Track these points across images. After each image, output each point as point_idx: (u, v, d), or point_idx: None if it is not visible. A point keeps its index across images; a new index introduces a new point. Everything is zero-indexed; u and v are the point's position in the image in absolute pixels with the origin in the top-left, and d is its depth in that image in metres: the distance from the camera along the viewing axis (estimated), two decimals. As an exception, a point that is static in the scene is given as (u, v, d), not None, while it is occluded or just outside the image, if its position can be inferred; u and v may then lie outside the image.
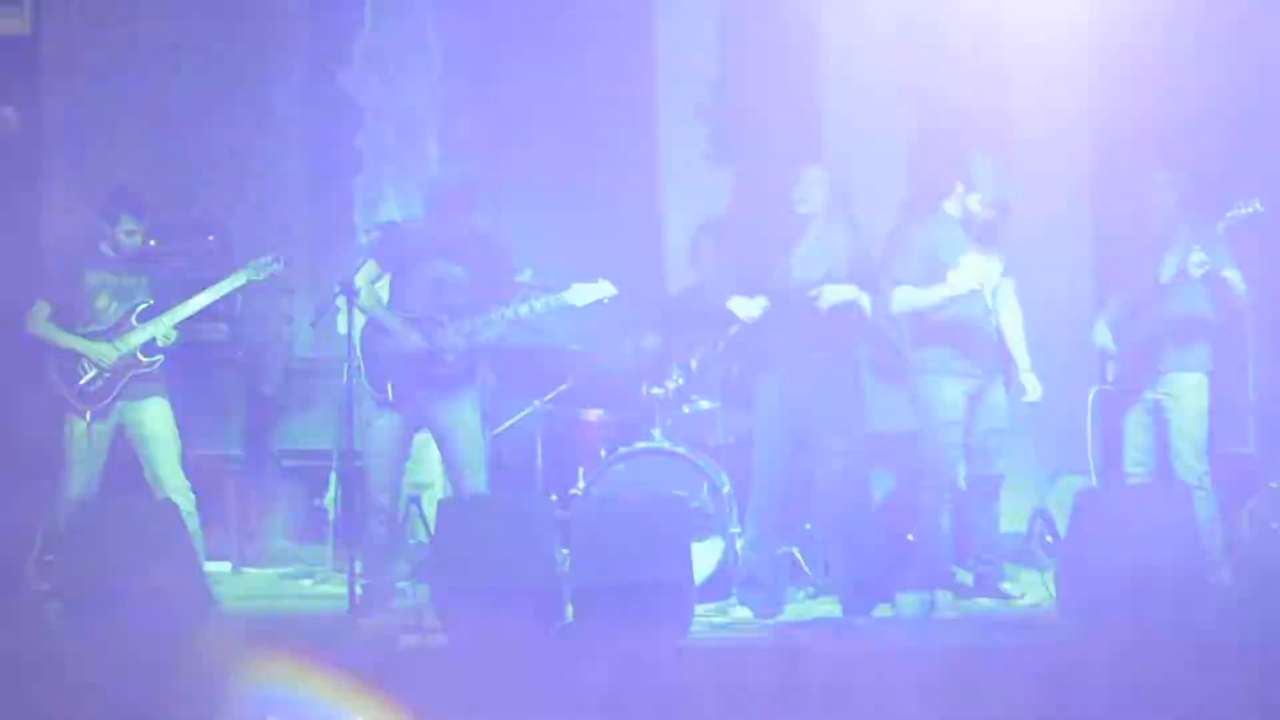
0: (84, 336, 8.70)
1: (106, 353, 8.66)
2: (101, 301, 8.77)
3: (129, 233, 8.78)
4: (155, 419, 8.79)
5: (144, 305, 8.75)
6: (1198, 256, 7.99)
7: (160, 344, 8.71)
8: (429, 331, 8.23)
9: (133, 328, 8.71)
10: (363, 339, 8.35)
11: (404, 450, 8.42)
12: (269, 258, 8.79)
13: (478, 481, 8.33)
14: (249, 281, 8.81)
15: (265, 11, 10.56)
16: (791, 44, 10.32)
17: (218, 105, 10.55)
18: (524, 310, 8.18)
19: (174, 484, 8.71)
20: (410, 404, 8.28)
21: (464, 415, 8.38)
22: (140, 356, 8.70)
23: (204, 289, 8.79)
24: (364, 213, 10.42)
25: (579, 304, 8.27)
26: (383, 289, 8.50)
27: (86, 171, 10.43)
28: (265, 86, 10.56)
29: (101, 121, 10.55)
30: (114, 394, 8.69)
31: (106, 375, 8.67)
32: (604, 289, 8.27)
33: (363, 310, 8.26)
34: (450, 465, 8.39)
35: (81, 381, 8.67)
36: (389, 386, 8.24)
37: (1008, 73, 10.13)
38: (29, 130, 10.55)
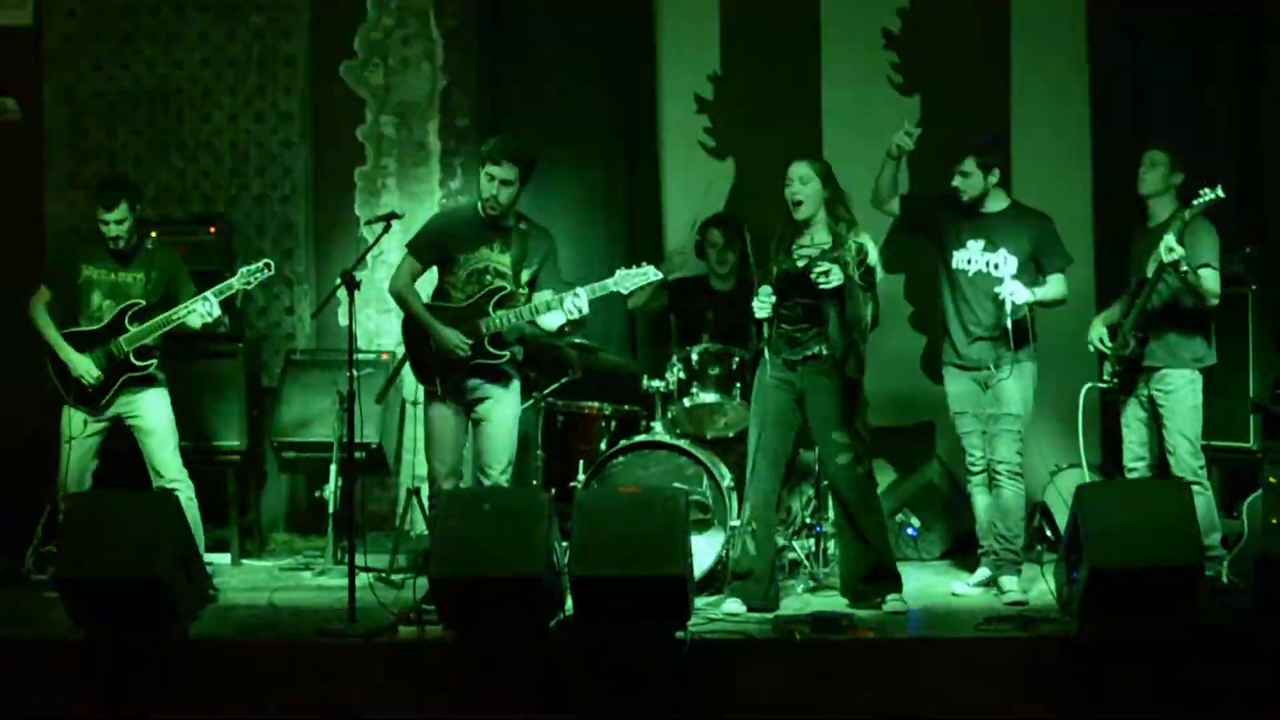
0: (80, 335, 8.69)
1: (87, 367, 8.63)
2: (96, 298, 8.74)
3: (119, 221, 8.71)
4: (153, 411, 8.78)
5: (136, 306, 8.73)
6: (1168, 241, 8.00)
7: (203, 320, 8.63)
8: (470, 322, 8.23)
9: (125, 330, 8.69)
10: (403, 333, 8.37)
11: (462, 435, 8.43)
12: (260, 264, 8.68)
13: (500, 478, 8.35)
14: (238, 290, 8.74)
15: (267, 3, 10.56)
16: (792, 35, 10.31)
17: (219, 97, 10.56)
18: (569, 297, 8.16)
19: (173, 474, 8.72)
20: (460, 393, 8.30)
21: (504, 410, 8.39)
22: (134, 360, 8.68)
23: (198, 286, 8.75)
24: (365, 205, 10.44)
25: (625, 290, 8.29)
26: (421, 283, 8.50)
27: (88, 163, 10.44)
28: (267, 78, 10.57)
29: (103, 113, 10.56)
30: (108, 397, 8.69)
31: (102, 377, 8.66)
32: (650, 274, 8.28)
33: (402, 307, 8.27)
34: (478, 455, 8.40)
35: (75, 385, 8.67)
36: (437, 380, 8.24)
37: (1008, 66, 10.18)
38: (31, 121, 10.55)
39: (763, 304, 8.18)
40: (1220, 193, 7.99)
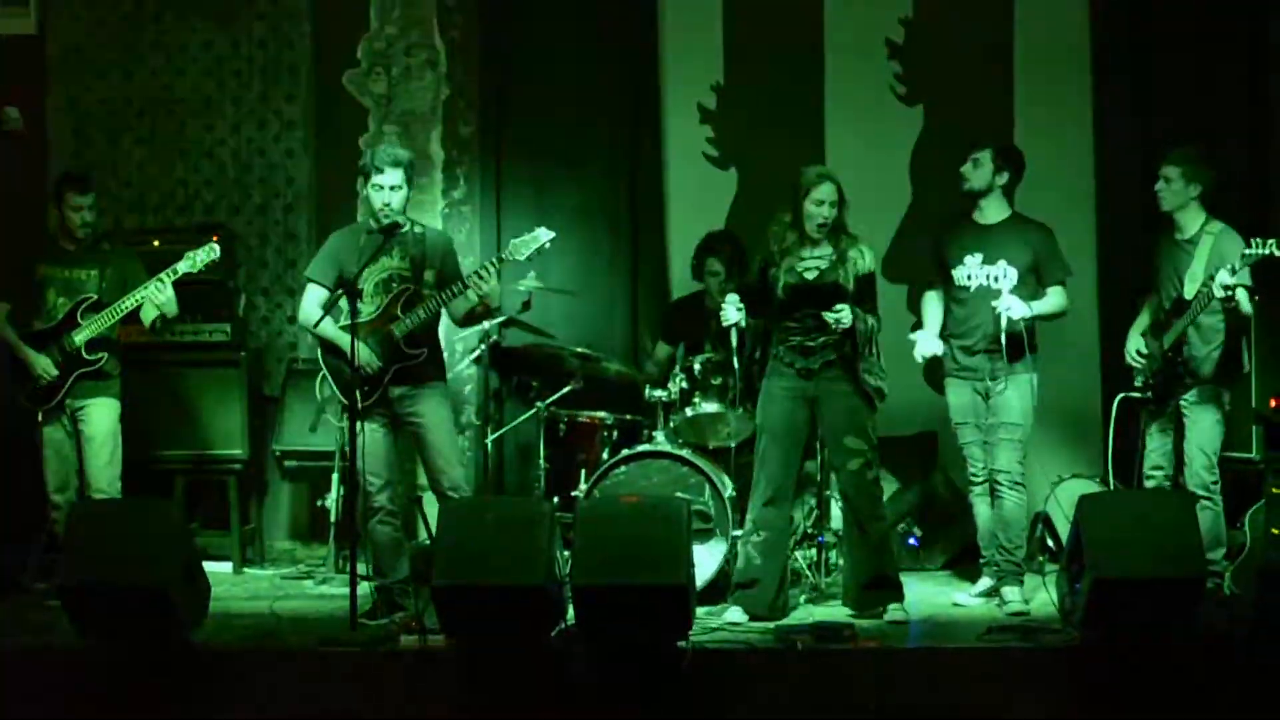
0: (35, 334, 8.77)
1: (45, 366, 8.72)
2: (50, 296, 8.84)
3: (75, 208, 8.79)
4: (97, 419, 8.84)
5: (89, 300, 8.77)
6: (1224, 278, 7.97)
7: (157, 309, 8.72)
8: (382, 330, 8.24)
9: (78, 324, 8.73)
10: (321, 358, 8.41)
11: (392, 449, 8.42)
12: (205, 248, 8.77)
13: (457, 477, 8.38)
14: (185, 274, 8.77)
15: (270, 12, 10.57)
16: (795, 45, 10.32)
17: (222, 106, 10.57)
18: (473, 280, 8.23)
19: (102, 485, 8.78)
20: (387, 405, 8.30)
21: (437, 412, 8.39)
22: (84, 354, 8.73)
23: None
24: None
25: (521, 257, 8.32)
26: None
27: (91, 172, 10.43)
28: (270, 86, 10.57)
29: (106, 122, 10.57)
30: (61, 394, 8.75)
31: (53, 375, 8.71)
32: (541, 235, 8.31)
33: (315, 335, 8.34)
34: (429, 462, 8.38)
35: (29, 385, 8.77)
36: (358, 394, 8.19)
37: (1011, 75, 10.19)
38: (34, 130, 10.55)
39: (736, 310, 8.21)
40: (1276, 250, 7.92)
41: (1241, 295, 8.19)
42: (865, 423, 8.29)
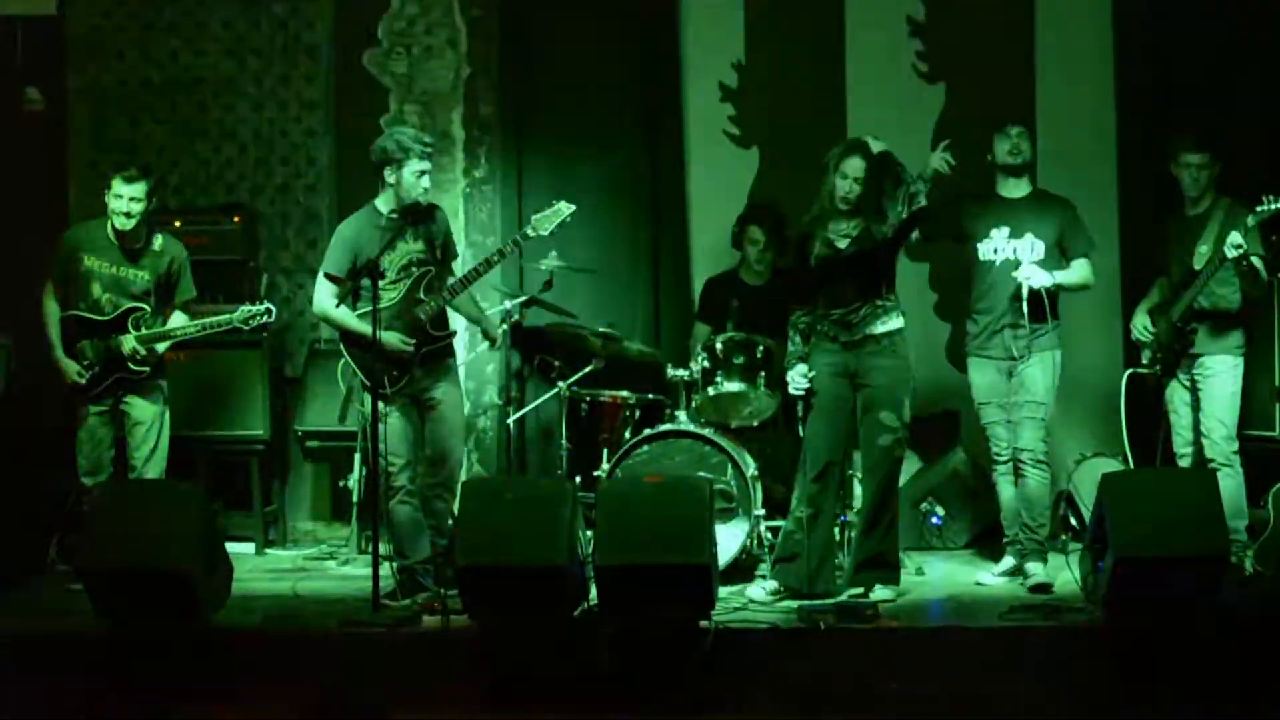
0: (82, 319, 8.71)
1: (75, 372, 8.71)
2: (95, 289, 8.74)
3: (116, 195, 8.65)
4: (145, 406, 8.82)
5: (140, 313, 8.74)
6: (1235, 239, 7.99)
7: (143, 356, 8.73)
8: (408, 314, 8.27)
9: (126, 331, 8.71)
10: (344, 346, 8.43)
11: (411, 429, 8.43)
12: (262, 308, 8.78)
13: (463, 453, 8.58)
14: (233, 324, 8.80)
15: (290, -9, 10.59)
16: (816, 22, 10.29)
17: (243, 86, 10.56)
18: (496, 260, 8.46)
19: (146, 471, 8.77)
20: (411, 385, 8.32)
21: (454, 391, 8.49)
22: (131, 365, 8.71)
23: (199, 316, 8.95)
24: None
25: (545, 232, 8.44)
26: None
27: (112, 153, 10.44)
28: (290, 67, 10.56)
29: (127, 103, 10.56)
30: (102, 387, 8.72)
31: (95, 370, 8.70)
32: (563, 209, 8.42)
33: (335, 326, 8.48)
34: (441, 440, 8.42)
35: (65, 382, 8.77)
36: (386, 380, 8.20)
37: (1033, 52, 10.15)
38: (55, 111, 10.55)
39: (803, 379, 8.27)
40: None
41: (1258, 262, 8.21)
42: (904, 399, 8.27)
